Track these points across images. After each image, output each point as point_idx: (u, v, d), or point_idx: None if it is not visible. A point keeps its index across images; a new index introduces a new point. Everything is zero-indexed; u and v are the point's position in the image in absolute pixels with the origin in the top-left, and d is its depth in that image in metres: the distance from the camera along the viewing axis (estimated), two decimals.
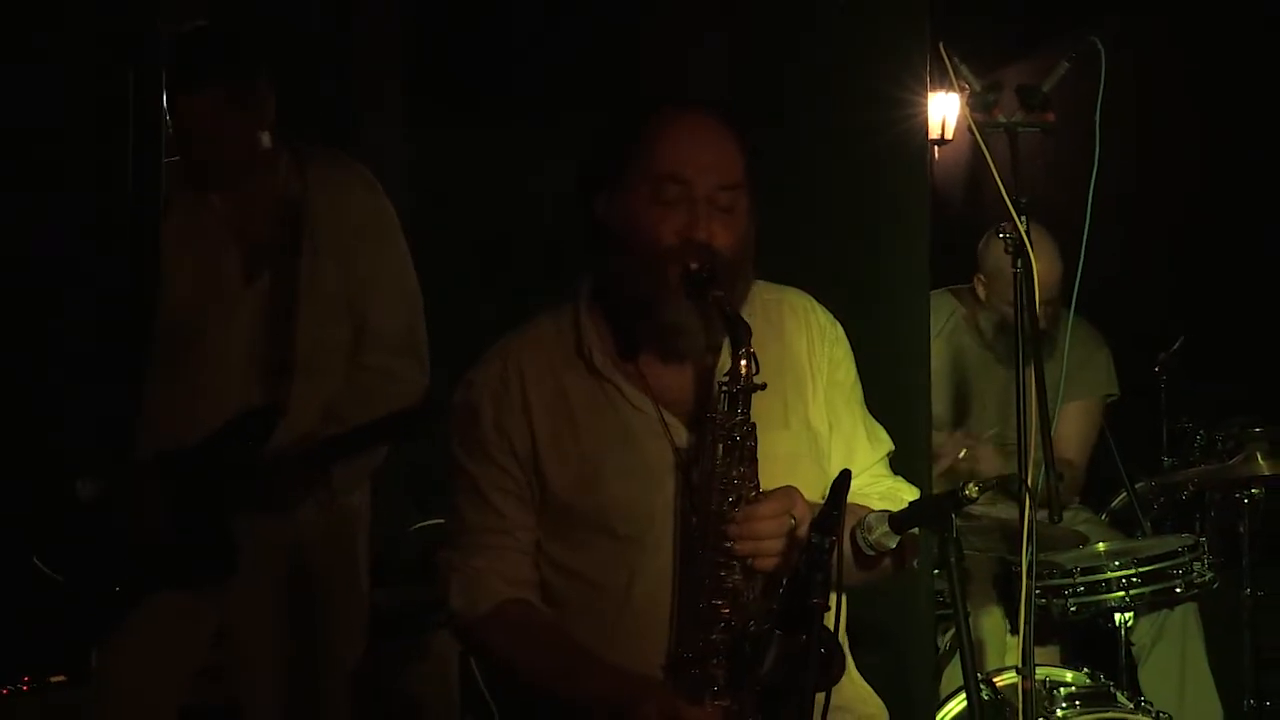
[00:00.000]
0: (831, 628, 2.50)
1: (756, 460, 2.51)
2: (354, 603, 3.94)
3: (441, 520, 2.83)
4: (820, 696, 2.39)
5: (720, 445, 2.50)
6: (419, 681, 4.52)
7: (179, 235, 3.76)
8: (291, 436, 3.72)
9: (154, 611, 3.69)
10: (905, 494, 2.78)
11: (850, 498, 2.48)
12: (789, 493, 2.52)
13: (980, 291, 4.83)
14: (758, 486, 2.51)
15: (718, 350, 2.61)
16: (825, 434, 2.74)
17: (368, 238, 3.81)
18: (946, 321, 4.84)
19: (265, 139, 3.72)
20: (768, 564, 2.51)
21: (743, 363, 2.49)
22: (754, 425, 2.51)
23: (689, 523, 2.57)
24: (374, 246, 3.82)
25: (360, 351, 3.81)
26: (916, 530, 2.62)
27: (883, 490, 2.78)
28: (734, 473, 2.49)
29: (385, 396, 3.79)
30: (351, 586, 3.93)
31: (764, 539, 2.49)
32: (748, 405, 2.50)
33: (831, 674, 2.40)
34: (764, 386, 2.51)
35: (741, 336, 2.49)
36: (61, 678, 3.66)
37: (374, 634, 4.00)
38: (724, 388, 2.52)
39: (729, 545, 2.49)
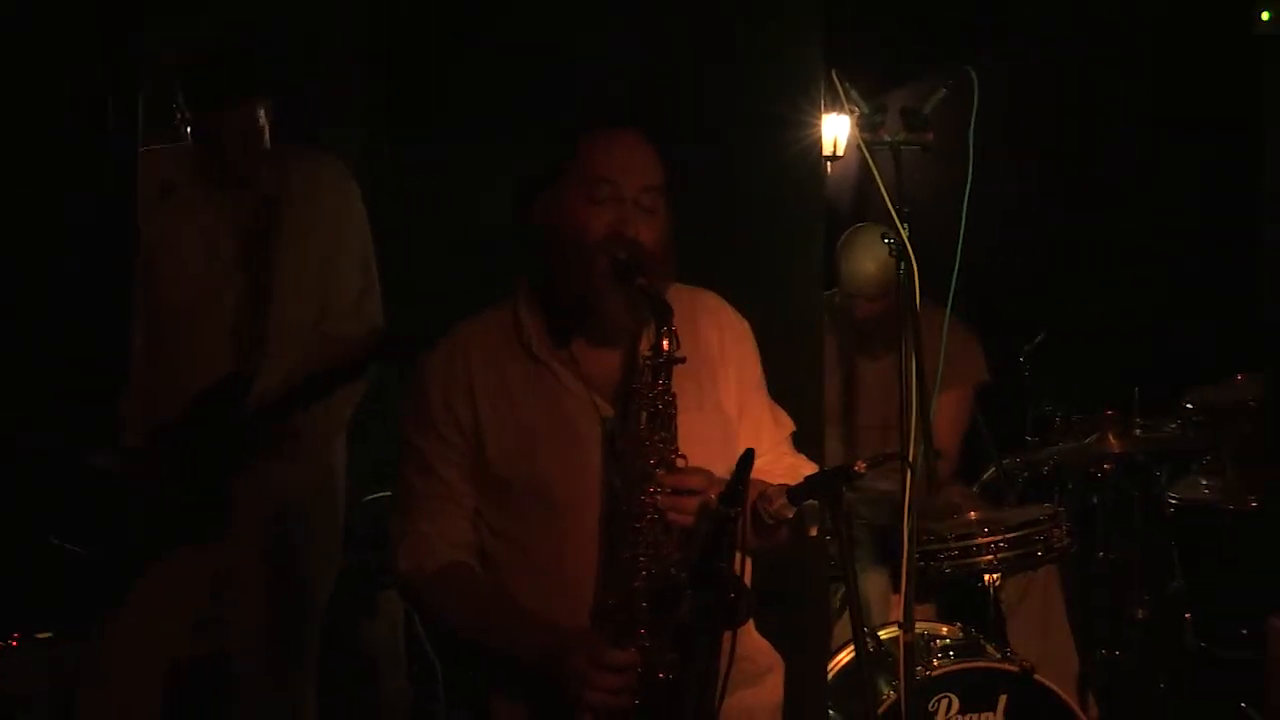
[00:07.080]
0: None
1: (677, 427, 2.58)
2: (330, 554, 3.96)
3: (389, 494, 2.85)
4: (728, 637, 2.46)
5: (644, 413, 2.58)
6: (369, 637, 4.52)
7: (176, 225, 3.77)
8: (255, 400, 3.74)
9: (153, 570, 3.69)
10: (805, 470, 2.82)
11: (756, 474, 2.56)
12: (703, 470, 2.60)
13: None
14: (677, 450, 2.58)
15: (640, 336, 2.67)
16: (734, 417, 2.80)
17: (332, 219, 3.85)
18: None
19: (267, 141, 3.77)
20: (684, 520, 2.58)
21: (665, 339, 2.57)
22: (675, 395, 2.58)
23: (614, 488, 2.63)
24: (338, 226, 3.86)
25: (320, 321, 3.84)
26: (813, 501, 2.68)
27: (785, 466, 2.83)
28: (656, 437, 2.57)
29: (339, 358, 3.82)
30: (329, 538, 3.95)
31: (683, 499, 2.56)
32: (669, 377, 2.58)
33: (740, 614, 2.47)
34: (684, 360, 2.59)
35: (665, 315, 2.57)
36: (47, 634, 3.63)
37: (331, 594, 4.00)
38: (648, 361, 2.59)
39: (651, 502, 2.55)
